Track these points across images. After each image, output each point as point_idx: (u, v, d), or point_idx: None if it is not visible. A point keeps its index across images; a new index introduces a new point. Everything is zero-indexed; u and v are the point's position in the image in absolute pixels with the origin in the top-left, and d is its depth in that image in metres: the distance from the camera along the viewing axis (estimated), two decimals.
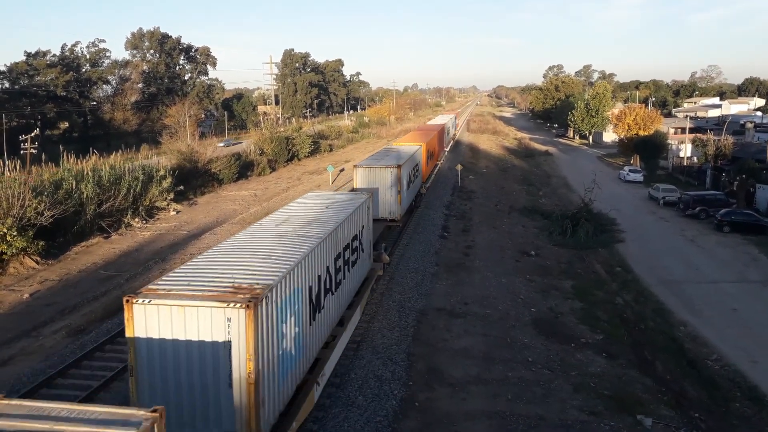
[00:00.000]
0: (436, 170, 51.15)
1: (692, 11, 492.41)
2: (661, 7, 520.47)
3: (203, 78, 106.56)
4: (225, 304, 9.38)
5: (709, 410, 16.74)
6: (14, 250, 24.62)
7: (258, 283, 10.21)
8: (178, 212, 38.00)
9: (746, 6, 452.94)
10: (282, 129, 71.13)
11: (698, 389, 17.90)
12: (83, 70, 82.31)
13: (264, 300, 9.75)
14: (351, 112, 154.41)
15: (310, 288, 12.37)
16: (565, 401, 15.26)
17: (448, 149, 68.38)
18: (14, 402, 6.71)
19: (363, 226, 18.28)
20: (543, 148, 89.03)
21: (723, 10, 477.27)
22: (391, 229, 29.85)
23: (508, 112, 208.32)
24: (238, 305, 9.34)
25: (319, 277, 13.08)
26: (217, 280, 10.42)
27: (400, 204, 28.97)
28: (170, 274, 10.90)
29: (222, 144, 67.18)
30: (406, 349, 17.58)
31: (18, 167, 32.39)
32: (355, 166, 29.79)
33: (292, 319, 11.15)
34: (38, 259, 26.10)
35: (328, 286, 13.88)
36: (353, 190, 28.34)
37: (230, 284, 10.16)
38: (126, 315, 9.68)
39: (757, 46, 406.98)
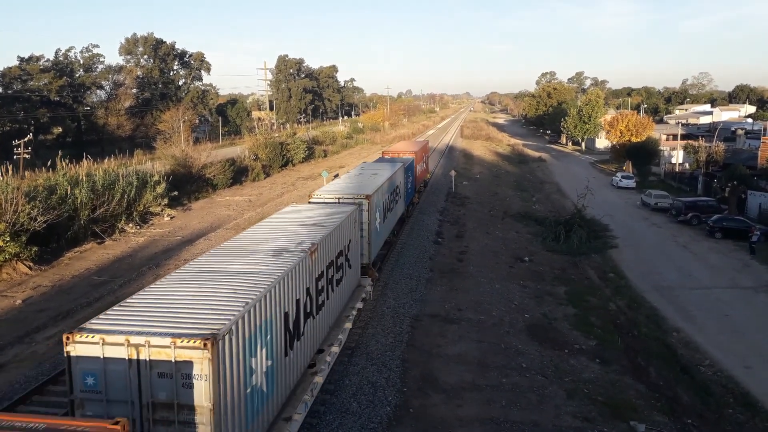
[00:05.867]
0: None
1: (683, 18, 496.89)
2: (652, 14, 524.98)
3: (197, 83, 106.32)
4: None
5: (702, 416, 16.83)
6: (7, 256, 24.49)
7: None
8: (172, 217, 37.92)
9: (737, 14, 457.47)
10: (276, 134, 71.11)
11: (691, 395, 18.00)
12: (77, 75, 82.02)
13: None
14: (345, 117, 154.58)
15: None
16: (559, 407, 15.32)
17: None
18: None
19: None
20: (536, 154, 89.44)
21: (714, 18, 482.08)
22: None
23: (501, 119, 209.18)
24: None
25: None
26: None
27: None
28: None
29: None
30: (400, 355, 17.60)
31: (11, 172, 32.26)
32: None
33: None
34: (31, 264, 25.95)
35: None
36: None
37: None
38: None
39: (747, 53, 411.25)
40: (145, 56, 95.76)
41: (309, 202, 20.92)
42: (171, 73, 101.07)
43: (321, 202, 20.51)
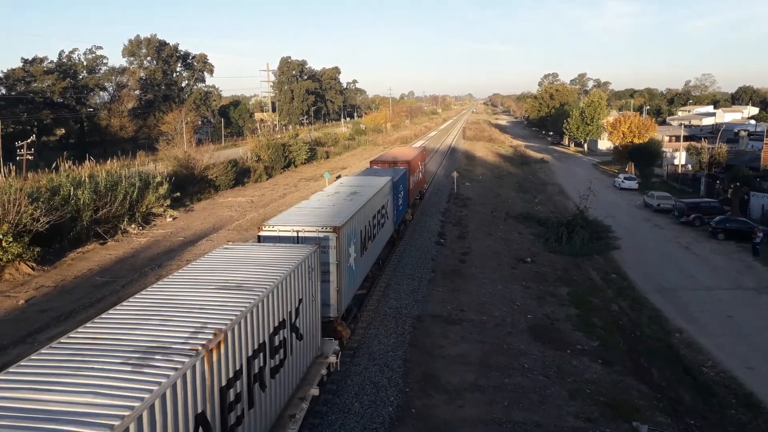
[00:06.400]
0: None
1: (686, 19, 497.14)
2: (655, 15, 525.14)
3: (200, 85, 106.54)
4: None
5: (705, 417, 16.80)
6: (10, 257, 24.57)
7: None
8: (174, 218, 37.97)
9: (740, 15, 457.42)
10: (279, 136, 71.20)
11: (694, 396, 17.96)
12: (80, 76, 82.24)
13: None
14: (347, 119, 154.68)
15: None
16: (561, 408, 15.29)
17: None
18: None
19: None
20: (538, 155, 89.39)
21: (717, 19, 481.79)
22: None
23: (503, 120, 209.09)
24: None
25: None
26: None
27: None
28: None
29: None
30: (402, 355, 17.60)
31: (14, 173, 32.39)
32: None
33: None
34: (34, 265, 26.02)
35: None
36: None
37: None
38: None
39: (750, 55, 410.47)
40: (148, 58, 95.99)
41: (258, 236, 15.72)
42: (174, 75, 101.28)
43: (273, 236, 15.30)
